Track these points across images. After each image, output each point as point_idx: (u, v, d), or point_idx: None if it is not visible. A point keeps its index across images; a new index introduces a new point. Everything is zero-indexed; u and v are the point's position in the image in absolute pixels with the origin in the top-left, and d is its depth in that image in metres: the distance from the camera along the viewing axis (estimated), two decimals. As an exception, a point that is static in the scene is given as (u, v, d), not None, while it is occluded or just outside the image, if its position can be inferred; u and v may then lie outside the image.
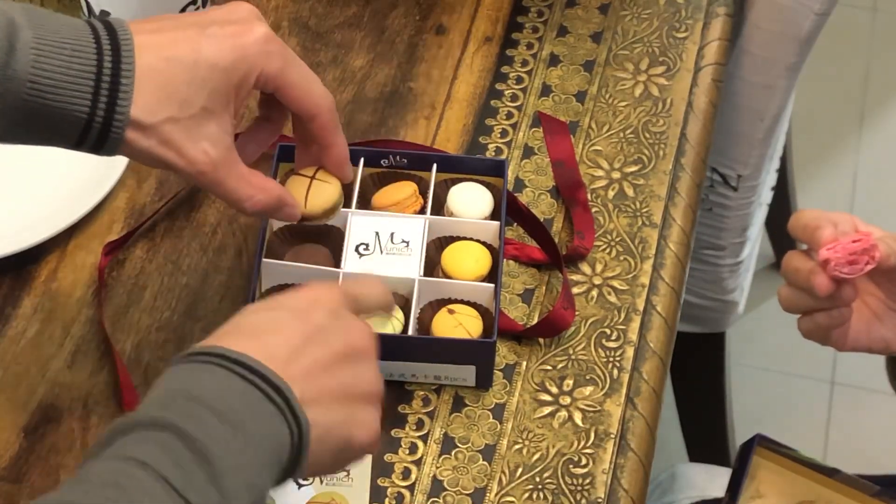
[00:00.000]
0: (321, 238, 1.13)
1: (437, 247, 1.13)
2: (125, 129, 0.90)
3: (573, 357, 1.12)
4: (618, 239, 1.19)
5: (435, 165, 1.16)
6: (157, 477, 0.76)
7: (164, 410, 0.79)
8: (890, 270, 1.01)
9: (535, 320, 1.14)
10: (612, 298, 1.15)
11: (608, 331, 1.14)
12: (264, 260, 1.10)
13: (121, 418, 0.80)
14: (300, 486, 1.05)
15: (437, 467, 1.06)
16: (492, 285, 1.09)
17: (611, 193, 1.21)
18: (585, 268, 1.17)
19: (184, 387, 0.80)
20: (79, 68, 0.88)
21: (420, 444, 1.08)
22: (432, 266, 1.12)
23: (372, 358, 0.90)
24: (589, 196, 1.21)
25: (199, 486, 0.77)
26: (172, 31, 0.91)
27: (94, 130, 0.90)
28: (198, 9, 1.27)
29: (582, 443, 1.08)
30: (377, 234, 1.12)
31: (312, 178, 1.02)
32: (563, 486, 1.06)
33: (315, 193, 1.01)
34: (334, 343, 0.87)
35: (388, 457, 1.07)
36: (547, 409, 1.10)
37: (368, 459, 1.06)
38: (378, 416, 0.88)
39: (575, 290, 1.15)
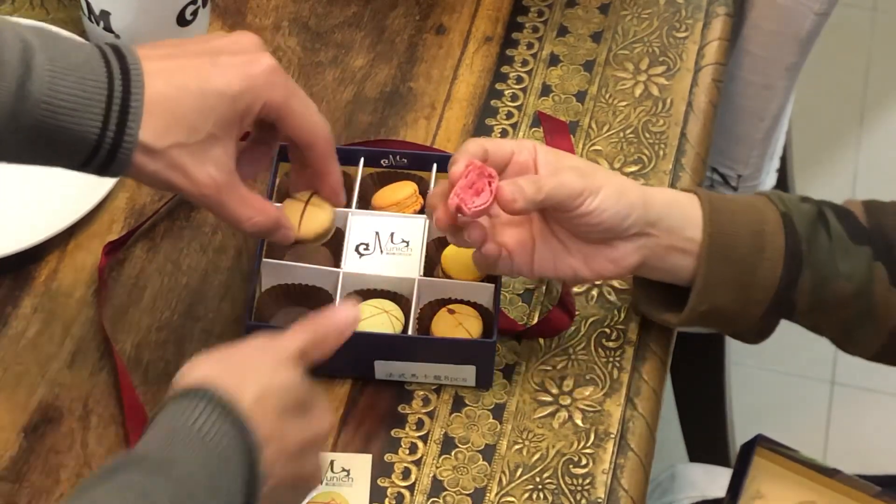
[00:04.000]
0: (321, 238, 1.13)
1: (437, 247, 1.13)
2: (133, 152, 0.92)
3: (573, 357, 1.12)
4: (618, 239, 1.19)
5: (435, 165, 1.16)
6: None
7: (168, 450, 0.84)
8: (551, 210, 1.03)
9: (535, 320, 1.14)
10: (612, 298, 1.15)
11: (608, 331, 1.14)
12: (264, 260, 1.10)
13: (128, 452, 0.85)
14: (300, 486, 1.05)
15: (437, 467, 1.06)
16: (492, 285, 1.09)
17: (611, 193, 1.21)
18: (585, 268, 1.17)
19: (184, 425, 0.85)
20: (91, 91, 0.91)
21: (420, 444, 1.08)
22: (432, 266, 1.12)
23: (324, 445, 0.93)
24: (589, 196, 1.21)
25: None
26: (182, 58, 0.94)
27: (103, 152, 0.92)
28: (198, 8, 1.27)
29: (582, 443, 1.08)
30: (377, 233, 1.13)
31: (307, 203, 1.04)
32: (563, 486, 1.06)
33: (309, 218, 1.04)
34: (306, 431, 0.90)
35: (388, 457, 1.07)
36: (547, 410, 1.10)
37: (368, 459, 1.06)
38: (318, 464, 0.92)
39: (575, 289, 1.15)
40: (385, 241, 1.12)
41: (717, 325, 1.10)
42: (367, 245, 1.12)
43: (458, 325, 1.08)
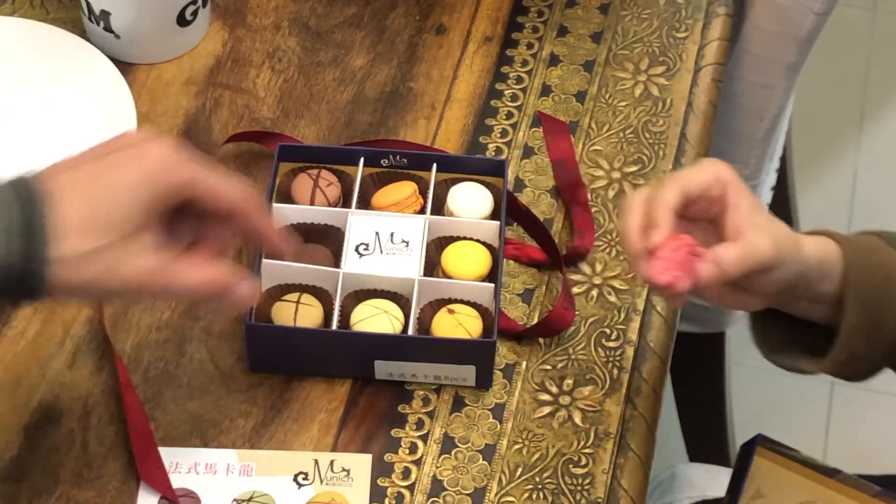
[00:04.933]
0: (321, 238, 1.13)
1: (437, 247, 1.13)
2: (49, 270, 0.90)
3: (573, 357, 1.12)
4: (618, 239, 1.19)
5: (435, 165, 1.16)
6: None
7: None
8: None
9: (535, 320, 1.14)
10: (612, 298, 1.15)
11: (608, 331, 1.14)
12: (264, 260, 1.10)
13: None
14: (300, 486, 1.05)
15: (437, 467, 1.06)
16: (492, 285, 1.09)
17: (611, 193, 1.21)
18: (585, 268, 1.17)
19: None
20: None
21: (420, 443, 1.08)
22: (432, 266, 1.12)
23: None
24: (589, 196, 1.21)
25: None
26: (87, 163, 0.94)
27: (14, 278, 0.90)
28: (198, 8, 1.27)
29: (582, 443, 1.08)
30: (377, 233, 1.13)
31: (297, 302, 1.08)
32: (563, 486, 1.06)
33: (301, 317, 1.08)
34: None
35: (388, 457, 1.07)
36: (547, 409, 1.10)
37: (368, 459, 1.06)
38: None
39: (575, 290, 1.15)
40: (385, 242, 1.12)
41: (847, 372, 1.09)
42: (367, 245, 1.12)
43: (458, 325, 1.08)
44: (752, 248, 1.00)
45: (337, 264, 1.11)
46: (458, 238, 1.13)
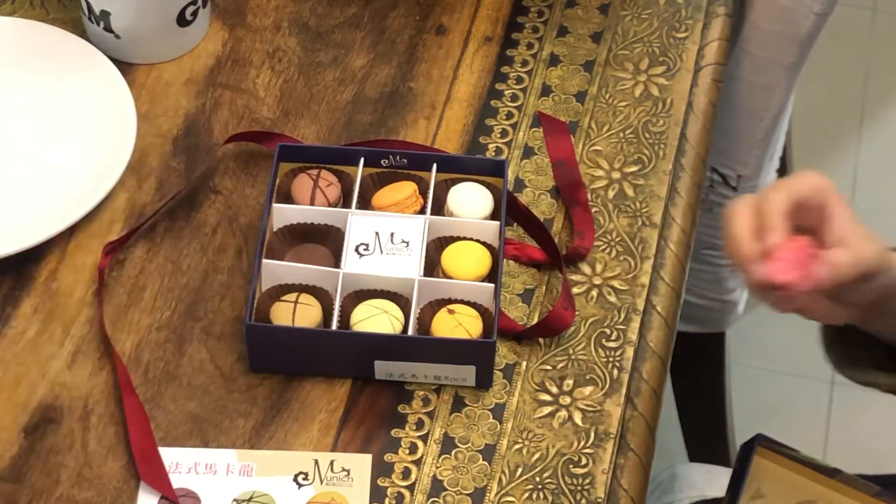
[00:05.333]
0: (321, 238, 1.13)
1: (437, 247, 1.13)
2: None
3: (573, 357, 1.12)
4: (618, 239, 1.19)
5: (435, 165, 1.16)
6: None
7: None
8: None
9: (535, 320, 1.14)
10: (612, 298, 1.15)
11: (608, 331, 1.14)
12: (264, 260, 1.10)
13: None
14: (300, 486, 1.05)
15: (437, 467, 1.06)
16: (492, 285, 1.09)
17: (611, 193, 1.21)
18: (585, 268, 1.17)
19: None
20: None
21: (420, 444, 1.08)
22: (432, 266, 1.13)
23: None
24: (589, 196, 1.21)
25: None
26: None
27: None
28: (198, 9, 1.27)
29: (582, 443, 1.08)
30: (377, 234, 1.13)
31: (296, 302, 1.08)
32: (563, 486, 1.06)
33: (300, 315, 1.08)
34: None
35: (388, 457, 1.07)
36: (547, 409, 1.10)
37: (368, 459, 1.06)
38: None
39: (575, 290, 1.15)
40: (385, 242, 1.12)
41: None
42: (367, 245, 1.12)
43: (458, 325, 1.08)
44: (861, 252, 1.01)
45: (337, 264, 1.11)
46: (458, 238, 1.13)
